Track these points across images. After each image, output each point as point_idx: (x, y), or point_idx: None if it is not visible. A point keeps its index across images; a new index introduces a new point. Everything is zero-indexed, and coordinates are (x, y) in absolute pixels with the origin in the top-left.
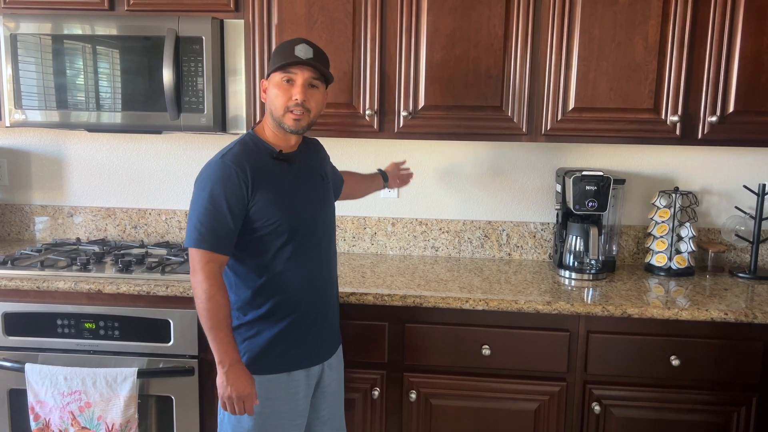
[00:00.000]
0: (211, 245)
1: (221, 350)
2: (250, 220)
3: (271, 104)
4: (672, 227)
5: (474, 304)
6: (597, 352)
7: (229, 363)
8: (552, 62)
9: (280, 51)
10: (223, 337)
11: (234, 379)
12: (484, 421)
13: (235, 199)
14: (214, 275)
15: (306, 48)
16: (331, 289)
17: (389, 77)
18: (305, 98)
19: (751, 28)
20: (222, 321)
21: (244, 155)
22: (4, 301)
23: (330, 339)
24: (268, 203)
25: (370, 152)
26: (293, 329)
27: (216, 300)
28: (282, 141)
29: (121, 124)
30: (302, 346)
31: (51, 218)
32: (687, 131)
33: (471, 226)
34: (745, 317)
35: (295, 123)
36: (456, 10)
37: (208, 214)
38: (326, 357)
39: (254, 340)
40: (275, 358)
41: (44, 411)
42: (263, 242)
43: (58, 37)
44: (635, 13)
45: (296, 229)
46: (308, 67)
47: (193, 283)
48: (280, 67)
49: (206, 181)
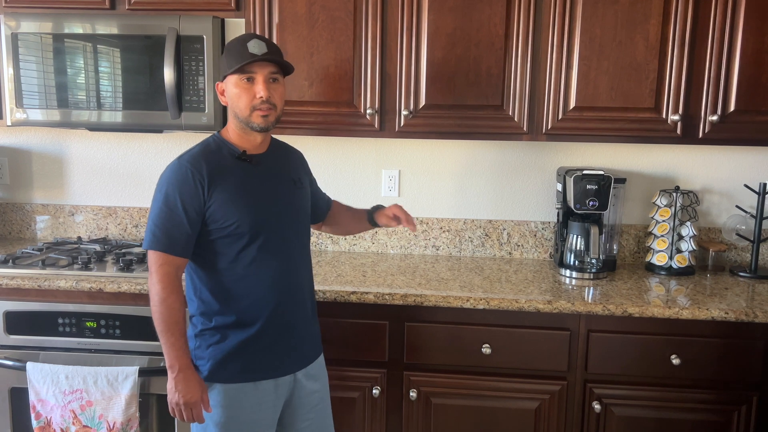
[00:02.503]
0: (165, 247)
1: (171, 355)
2: (209, 222)
3: (235, 106)
4: (673, 226)
5: (475, 303)
6: (597, 351)
7: (179, 368)
8: (553, 61)
9: (233, 51)
10: (174, 341)
11: (182, 385)
12: (484, 420)
13: (190, 199)
14: (168, 278)
15: (259, 43)
16: (302, 296)
17: (390, 76)
18: (269, 94)
19: (752, 27)
20: (173, 325)
21: (203, 156)
22: (5, 299)
23: (305, 348)
24: (225, 203)
25: (371, 151)
26: (259, 337)
27: (168, 303)
28: (247, 142)
29: (122, 123)
30: (269, 355)
31: (52, 217)
32: (688, 130)
33: (472, 225)
34: (745, 316)
35: (263, 120)
36: (457, 9)
37: (163, 216)
38: (300, 367)
39: (218, 346)
40: (240, 367)
41: (45, 409)
42: (223, 245)
43: (59, 36)
44: (636, 12)
45: (257, 231)
46: (266, 62)
47: (149, 285)
48: (239, 69)
49: (163, 183)
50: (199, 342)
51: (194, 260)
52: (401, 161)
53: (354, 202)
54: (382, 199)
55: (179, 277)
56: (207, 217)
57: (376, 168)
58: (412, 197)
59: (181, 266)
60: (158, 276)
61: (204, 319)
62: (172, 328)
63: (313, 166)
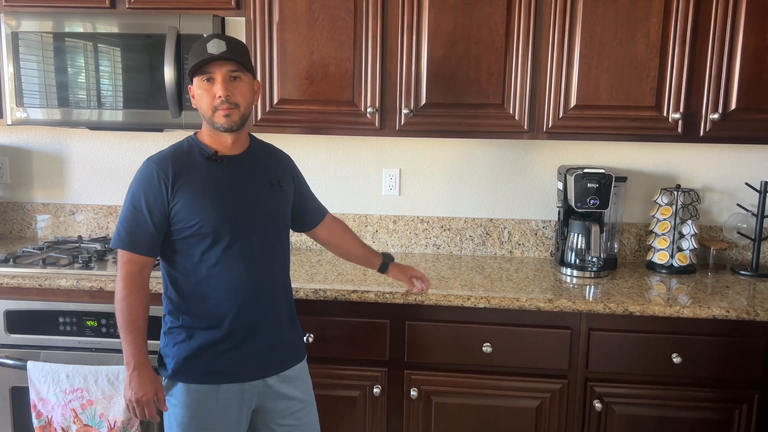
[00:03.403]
0: (128, 246)
1: (128, 352)
2: (173, 221)
3: (199, 107)
4: (674, 225)
5: (475, 302)
6: (598, 350)
7: (134, 365)
8: (553, 60)
9: (194, 52)
10: (131, 339)
11: (136, 382)
12: (485, 419)
13: (154, 199)
14: (130, 276)
15: (218, 42)
16: (272, 300)
17: (390, 75)
18: (228, 93)
19: (753, 25)
20: (132, 323)
21: (172, 156)
22: (6, 299)
23: (274, 353)
24: (189, 203)
25: (372, 150)
26: (223, 340)
27: (128, 302)
28: (218, 143)
29: (122, 121)
30: (233, 359)
31: (53, 216)
32: (689, 128)
33: (472, 224)
34: (746, 315)
35: (226, 120)
36: (457, 7)
37: (128, 215)
38: (268, 373)
39: (182, 345)
40: (203, 369)
41: (46, 408)
42: (188, 245)
43: (60, 35)
44: (637, 10)
45: (222, 232)
46: (225, 61)
47: (115, 283)
48: (196, 68)
49: (132, 183)
50: (167, 340)
51: (164, 260)
52: (402, 160)
53: (355, 201)
54: (383, 198)
55: (143, 276)
56: (172, 217)
57: (377, 167)
58: (412, 196)
59: (146, 265)
60: (121, 274)
61: (172, 318)
62: (130, 326)
63: (314, 165)
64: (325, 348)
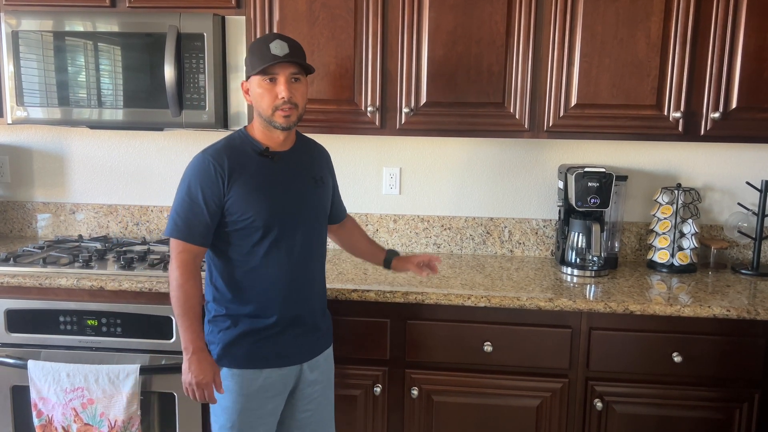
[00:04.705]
0: (184, 235)
1: (186, 337)
2: (226, 214)
3: (258, 105)
4: (674, 224)
5: (476, 301)
6: (599, 349)
7: (192, 350)
8: (554, 59)
9: (256, 52)
10: (188, 325)
11: (195, 366)
12: (486, 418)
13: (211, 191)
14: (185, 265)
15: (281, 44)
16: (312, 291)
17: (391, 74)
18: (291, 94)
19: (754, 24)
20: (189, 310)
21: (226, 150)
22: (6, 298)
23: (311, 341)
24: (243, 197)
25: (372, 149)
26: (267, 328)
27: (185, 289)
28: (270, 139)
29: (122, 121)
30: (274, 345)
31: (53, 215)
32: (689, 127)
33: (473, 223)
34: (747, 314)
35: (285, 120)
36: (458, 6)
37: (185, 206)
38: (305, 359)
39: (227, 332)
40: (246, 354)
41: (47, 407)
42: (239, 237)
43: (60, 34)
44: (637, 9)
45: (272, 226)
46: (288, 63)
47: (169, 270)
48: (261, 70)
49: (186, 175)
50: (212, 327)
51: (211, 249)
52: (402, 159)
53: (355, 200)
54: (383, 197)
55: (197, 265)
56: (225, 210)
57: (377, 166)
58: (413, 195)
59: (199, 254)
60: (177, 262)
61: (217, 306)
62: (188, 312)
63: None
64: None
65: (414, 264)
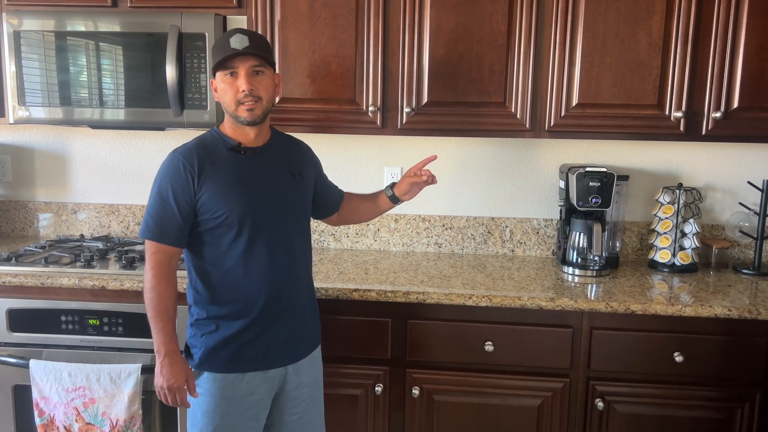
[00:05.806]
0: (156, 236)
1: (158, 340)
2: (199, 213)
3: (222, 101)
4: (676, 223)
5: (477, 301)
6: (600, 349)
7: (164, 353)
8: (555, 58)
9: (217, 47)
10: (161, 327)
11: (167, 369)
12: (487, 417)
13: (182, 190)
14: (159, 266)
15: (241, 38)
16: (296, 290)
17: (392, 73)
18: (252, 87)
19: (755, 23)
20: (162, 312)
21: (197, 148)
22: (8, 297)
23: (297, 342)
24: (215, 195)
25: (373, 148)
26: (249, 329)
27: (158, 291)
28: (241, 136)
29: (124, 120)
30: (257, 348)
31: (55, 215)
32: (691, 127)
33: (474, 223)
34: (748, 314)
35: (249, 113)
36: (459, 5)
37: (156, 206)
38: (291, 360)
39: (210, 336)
40: (228, 358)
41: (49, 407)
42: (214, 236)
43: (62, 34)
44: (639, 8)
45: (246, 222)
46: (248, 56)
47: (144, 272)
48: (220, 64)
49: (158, 175)
50: (194, 331)
51: (190, 251)
52: (403, 158)
53: None
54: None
55: (172, 266)
56: (198, 208)
57: (378, 165)
58: None
59: (174, 255)
60: (150, 263)
61: (199, 309)
62: (161, 315)
63: None
64: (326, 347)
65: (411, 178)
